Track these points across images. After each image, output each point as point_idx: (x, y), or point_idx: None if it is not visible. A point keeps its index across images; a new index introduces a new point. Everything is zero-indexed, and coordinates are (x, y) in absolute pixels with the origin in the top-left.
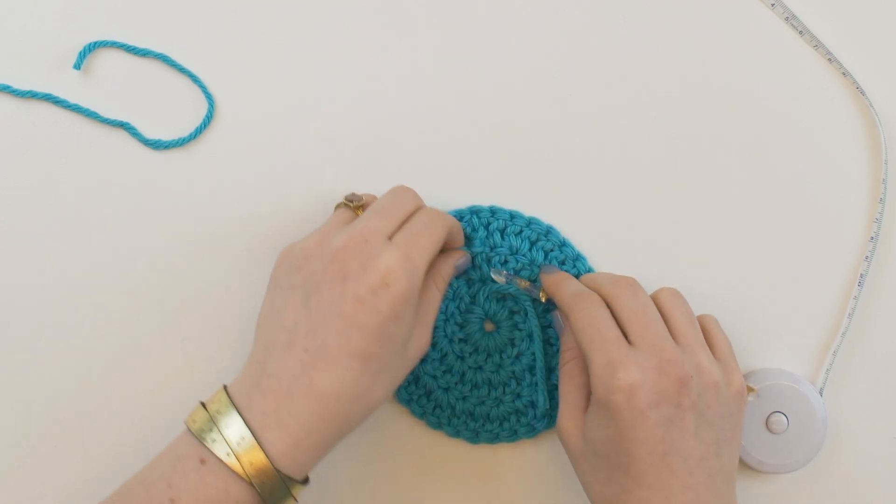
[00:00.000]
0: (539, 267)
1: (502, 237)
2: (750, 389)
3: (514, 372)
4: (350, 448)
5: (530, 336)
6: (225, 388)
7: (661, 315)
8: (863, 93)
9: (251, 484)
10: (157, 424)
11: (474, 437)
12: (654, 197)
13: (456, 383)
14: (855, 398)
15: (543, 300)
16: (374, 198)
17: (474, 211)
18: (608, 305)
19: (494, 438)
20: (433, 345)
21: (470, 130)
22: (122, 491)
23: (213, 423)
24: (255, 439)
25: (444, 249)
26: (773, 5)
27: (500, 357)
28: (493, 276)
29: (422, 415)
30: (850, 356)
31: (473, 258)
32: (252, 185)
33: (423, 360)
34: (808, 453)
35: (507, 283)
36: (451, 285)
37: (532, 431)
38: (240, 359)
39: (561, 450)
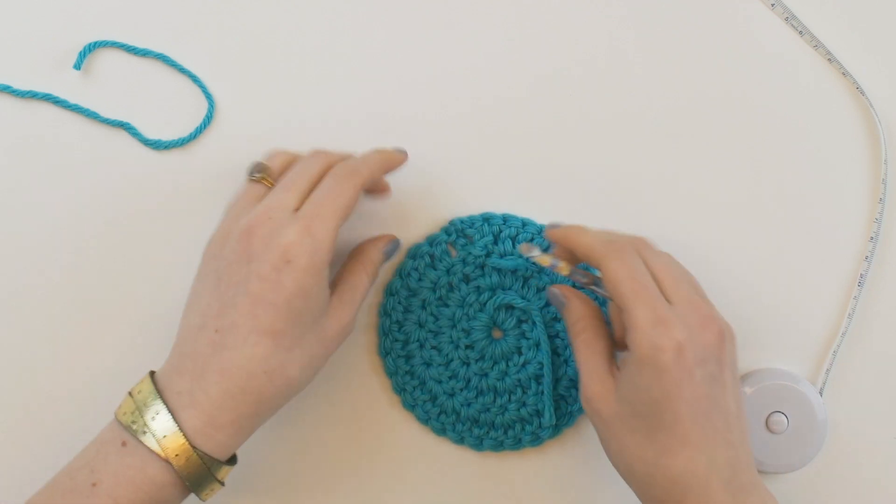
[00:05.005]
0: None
1: (513, 245)
2: None
3: (519, 380)
4: (353, 452)
5: (537, 345)
6: (151, 373)
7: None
8: (863, 93)
9: (169, 463)
10: None
11: (478, 444)
12: (653, 196)
13: (461, 389)
14: (855, 398)
15: (566, 273)
16: (286, 161)
17: (486, 218)
18: None
19: (499, 446)
20: (439, 350)
21: (474, 134)
22: (50, 482)
23: (136, 407)
24: (174, 419)
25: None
26: (773, 5)
27: (507, 365)
28: (522, 252)
29: (426, 420)
30: (850, 356)
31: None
32: None
33: (428, 366)
34: (808, 453)
35: (534, 257)
36: (459, 291)
37: (537, 440)
38: None
39: (567, 460)
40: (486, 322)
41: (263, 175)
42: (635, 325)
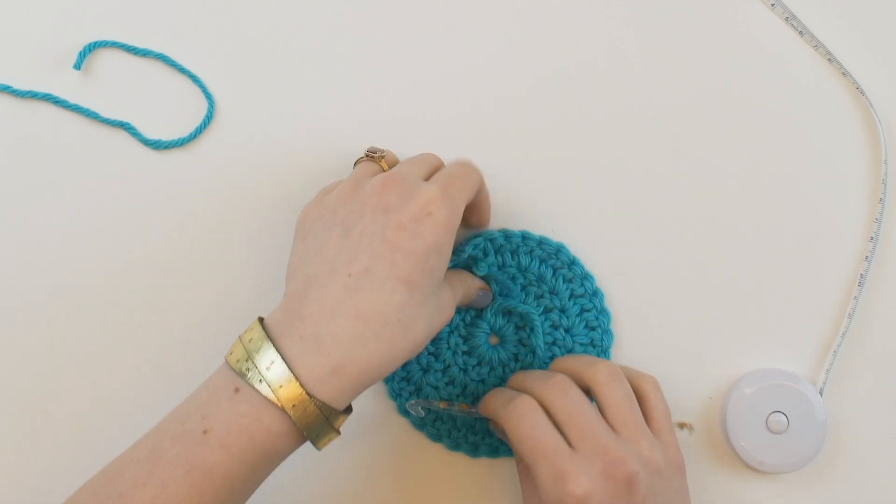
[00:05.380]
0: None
1: (512, 257)
2: (683, 425)
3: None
4: (347, 458)
5: (534, 352)
6: (260, 319)
7: (598, 402)
8: (863, 93)
9: (285, 412)
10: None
11: (474, 451)
12: (653, 196)
13: (458, 395)
14: (855, 398)
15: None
16: (394, 155)
17: (488, 238)
18: (542, 407)
19: (494, 452)
20: (436, 356)
21: (474, 134)
22: (159, 425)
23: (246, 353)
24: (289, 367)
25: (470, 225)
26: (773, 5)
27: (504, 371)
28: (408, 409)
29: (422, 426)
30: (850, 356)
31: (494, 298)
32: (252, 185)
33: (425, 371)
34: (808, 453)
35: (424, 414)
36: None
37: None
38: None
39: None
40: (485, 328)
41: (382, 155)
42: (539, 483)
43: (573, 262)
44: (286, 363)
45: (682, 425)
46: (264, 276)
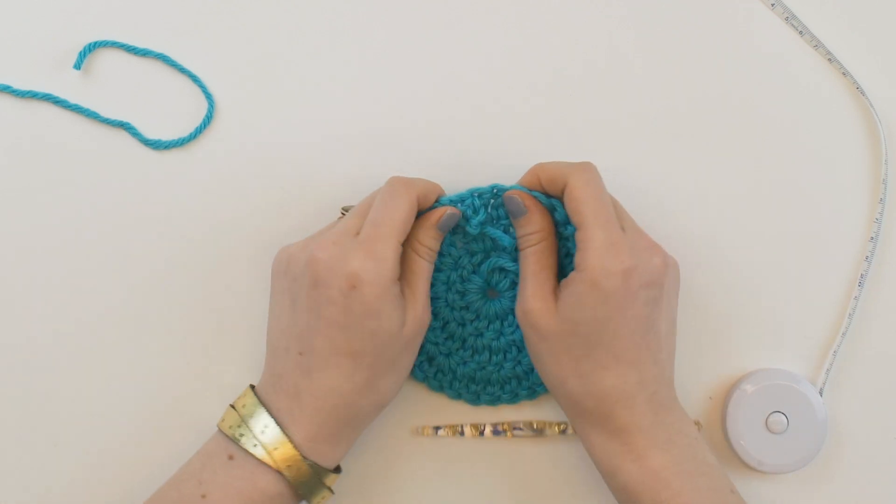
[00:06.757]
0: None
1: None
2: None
3: (514, 340)
4: None
5: None
6: (252, 387)
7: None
8: (863, 93)
9: (279, 473)
10: (158, 418)
11: (475, 399)
12: (653, 196)
13: (457, 349)
14: (855, 398)
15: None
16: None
17: (476, 192)
18: None
19: (496, 400)
20: (434, 314)
21: (474, 134)
22: (156, 494)
23: (241, 420)
24: (281, 430)
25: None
26: (773, 5)
27: (502, 325)
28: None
29: (423, 378)
30: (850, 356)
31: (469, 213)
32: (252, 185)
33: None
34: (808, 453)
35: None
36: (451, 255)
37: (533, 394)
38: (240, 356)
39: (565, 452)
40: (481, 284)
41: (345, 210)
42: (590, 245)
43: (567, 222)
44: (280, 427)
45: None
46: (264, 275)
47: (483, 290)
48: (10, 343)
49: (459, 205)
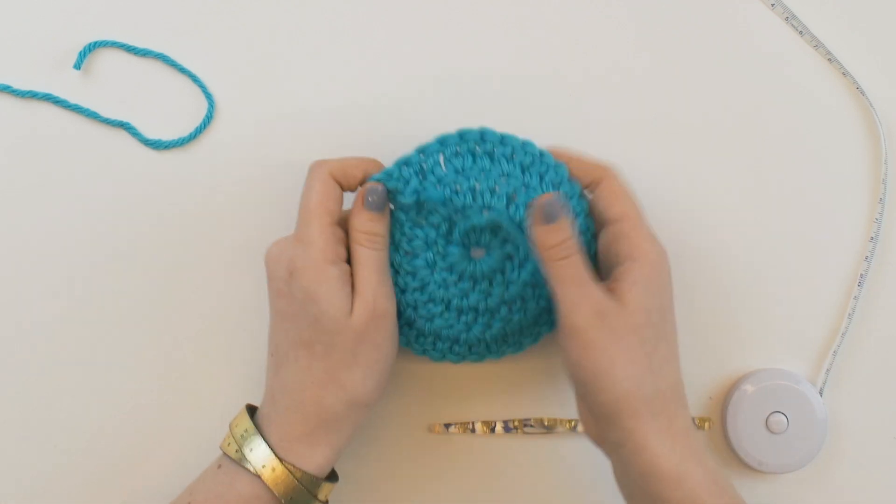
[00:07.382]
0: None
1: (492, 161)
2: (704, 421)
3: (503, 297)
4: None
5: (520, 249)
6: (247, 407)
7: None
8: (863, 93)
9: (258, 476)
10: (158, 418)
11: (460, 359)
12: (653, 196)
13: (441, 312)
14: (855, 398)
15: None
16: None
17: (403, 163)
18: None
19: (481, 357)
20: (413, 274)
21: None
22: None
23: (230, 430)
24: (262, 438)
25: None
26: (773, 5)
27: (491, 284)
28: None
29: (406, 344)
30: (850, 356)
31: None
32: (252, 185)
33: (403, 291)
34: (808, 453)
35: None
36: (418, 237)
37: (519, 347)
38: (238, 356)
39: (568, 446)
40: (457, 245)
41: None
42: (640, 233)
43: (540, 154)
44: (260, 436)
45: (702, 421)
46: (262, 274)
47: (461, 250)
48: (9, 343)
49: (390, 181)
